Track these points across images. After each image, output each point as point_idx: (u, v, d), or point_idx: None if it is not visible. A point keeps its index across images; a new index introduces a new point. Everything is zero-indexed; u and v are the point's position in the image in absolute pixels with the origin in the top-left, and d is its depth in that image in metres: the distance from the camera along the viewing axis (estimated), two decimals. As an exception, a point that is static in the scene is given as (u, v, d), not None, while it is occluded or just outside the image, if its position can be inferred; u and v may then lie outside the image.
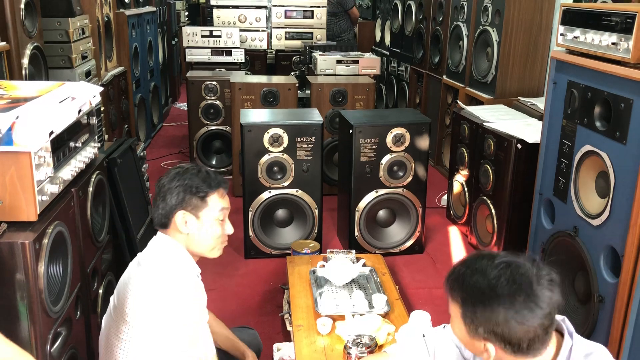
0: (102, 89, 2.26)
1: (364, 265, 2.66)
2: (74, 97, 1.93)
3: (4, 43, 2.57)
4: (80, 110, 1.96)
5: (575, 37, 2.35)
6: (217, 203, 1.72)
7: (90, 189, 2.10)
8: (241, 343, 2.07)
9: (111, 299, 1.73)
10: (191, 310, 1.65)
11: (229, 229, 1.77)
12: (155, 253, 1.71)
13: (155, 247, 1.72)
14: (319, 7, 5.84)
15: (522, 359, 1.25)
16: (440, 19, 4.74)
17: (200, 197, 1.69)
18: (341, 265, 2.55)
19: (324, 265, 2.60)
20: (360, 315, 2.23)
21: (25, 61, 2.74)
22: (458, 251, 3.50)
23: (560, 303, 1.23)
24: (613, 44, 2.11)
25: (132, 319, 1.60)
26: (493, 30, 3.83)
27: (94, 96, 2.11)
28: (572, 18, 2.37)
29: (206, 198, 1.69)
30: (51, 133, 1.71)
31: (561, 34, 2.44)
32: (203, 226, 1.70)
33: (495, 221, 3.18)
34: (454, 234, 3.73)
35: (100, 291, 2.19)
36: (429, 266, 3.31)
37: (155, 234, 1.76)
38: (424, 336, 1.66)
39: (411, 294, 3.01)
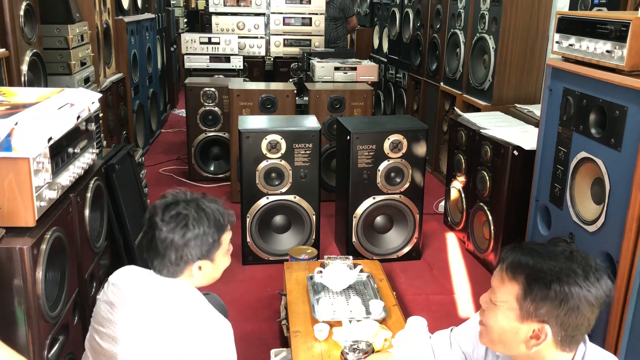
0: (100, 95, 2.27)
1: (362, 271, 2.67)
2: (73, 104, 1.94)
3: (3, 49, 2.58)
4: (79, 117, 1.98)
5: (570, 45, 2.37)
6: (227, 238, 1.69)
7: (89, 194, 2.11)
8: None
9: (92, 332, 1.62)
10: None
11: (229, 251, 1.75)
12: (175, 302, 1.57)
13: (169, 295, 1.58)
14: (317, 14, 5.87)
15: (560, 353, 1.28)
16: (438, 26, 4.77)
17: (217, 241, 1.64)
18: (338, 271, 2.56)
19: (321, 272, 2.61)
20: (358, 321, 2.24)
21: (25, 67, 2.75)
22: (455, 257, 3.51)
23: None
24: (608, 51, 2.13)
25: None
26: (490, 38, 3.86)
27: (93, 102, 2.13)
28: (568, 26, 2.39)
29: (220, 239, 1.65)
30: (50, 139, 1.72)
31: (557, 42, 2.46)
32: (216, 265, 1.68)
33: (492, 227, 3.19)
34: (451, 240, 3.74)
35: (98, 297, 2.19)
36: (426, 272, 3.32)
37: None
38: (430, 338, 1.67)
39: (408, 300, 3.01)
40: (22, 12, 2.73)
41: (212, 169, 4.70)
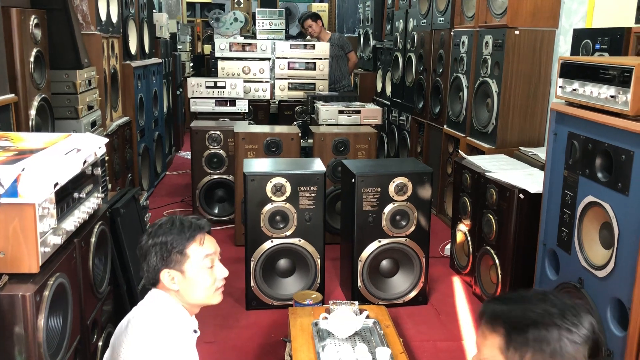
0: (107, 140, 2.28)
1: (368, 317, 2.62)
2: (80, 149, 1.95)
3: (12, 95, 2.61)
4: (85, 162, 1.98)
5: (574, 90, 2.39)
6: (198, 252, 1.68)
7: (93, 239, 2.10)
8: None
9: (106, 354, 1.71)
10: None
11: (222, 272, 1.73)
12: (146, 309, 1.67)
13: (146, 303, 1.69)
14: (321, 59, 5.97)
15: None
16: (440, 70, 4.83)
17: (179, 252, 1.66)
18: (344, 317, 2.51)
19: (326, 317, 2.56)
20: (364, 369, 2.19)
21: (33, 112, 2.78)
22: (462, 302, 3.45)
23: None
24: (611, 96, 2.14)
25: None
26: (493, 82, 3.90)
27: (100, 147, 2.13)
28: (571, 71, 2.42)
29: (185, 251, 1.66)
30: (56, 184, 1.72)
31: (560, 86, 2.49)
32: (190, 279, 1.67)
33: (499, 271, 3.15)
34: (458, 284, 3.69)
35: (100, 343, 2.16)
36: (434, 318, 3.26)
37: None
38: None
39: (415, 347, 2.95)
40: (32, 59, 2.78)
41: (216, 211, 4.69)
